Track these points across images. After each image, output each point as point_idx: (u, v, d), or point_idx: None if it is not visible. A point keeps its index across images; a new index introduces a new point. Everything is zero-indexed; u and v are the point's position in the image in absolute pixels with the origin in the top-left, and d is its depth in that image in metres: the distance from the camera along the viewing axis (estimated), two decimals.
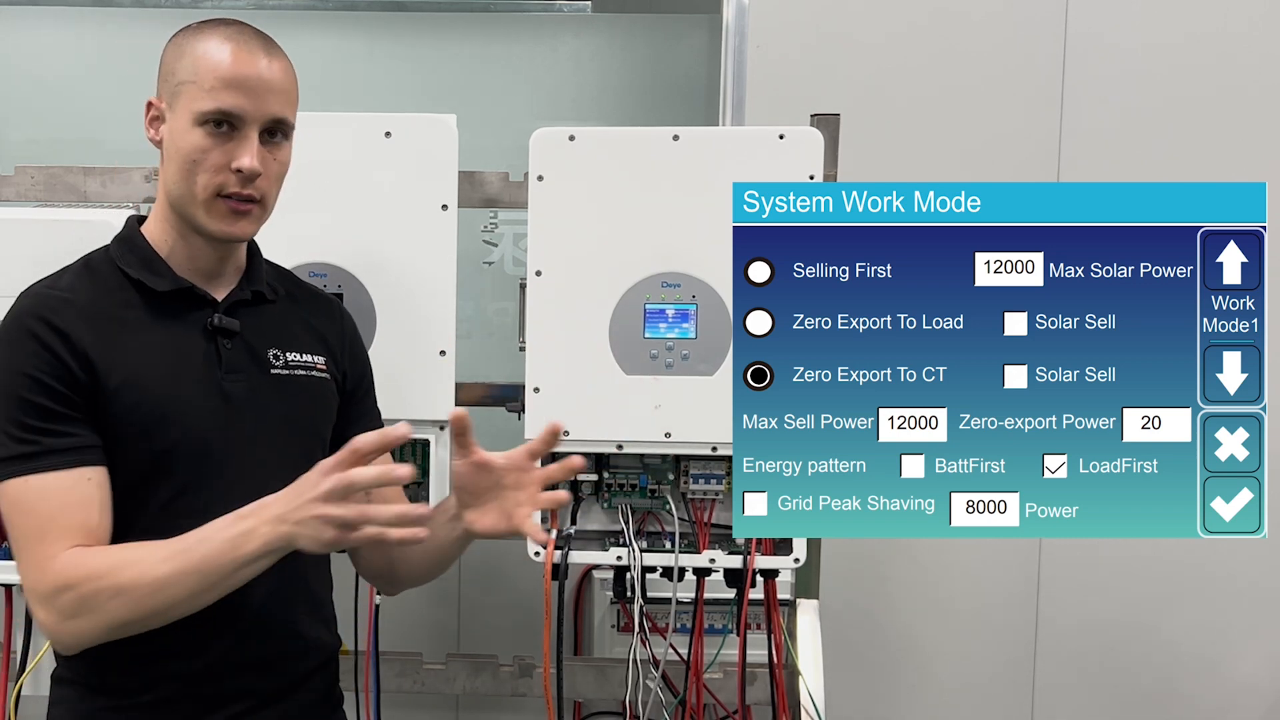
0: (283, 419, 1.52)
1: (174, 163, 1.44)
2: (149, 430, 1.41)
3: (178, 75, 1.44)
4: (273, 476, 1.46)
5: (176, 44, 1.47)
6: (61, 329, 1.38)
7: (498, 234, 2.64)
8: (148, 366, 1.42)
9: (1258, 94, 2.63)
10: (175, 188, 1.45)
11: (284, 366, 1.53)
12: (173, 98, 1.44)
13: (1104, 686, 2.77)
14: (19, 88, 2.72)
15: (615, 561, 1.93)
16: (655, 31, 2.71)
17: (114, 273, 1.46)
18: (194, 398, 1.44)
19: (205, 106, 1.41)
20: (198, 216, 1.44)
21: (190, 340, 1.46)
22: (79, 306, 1.41)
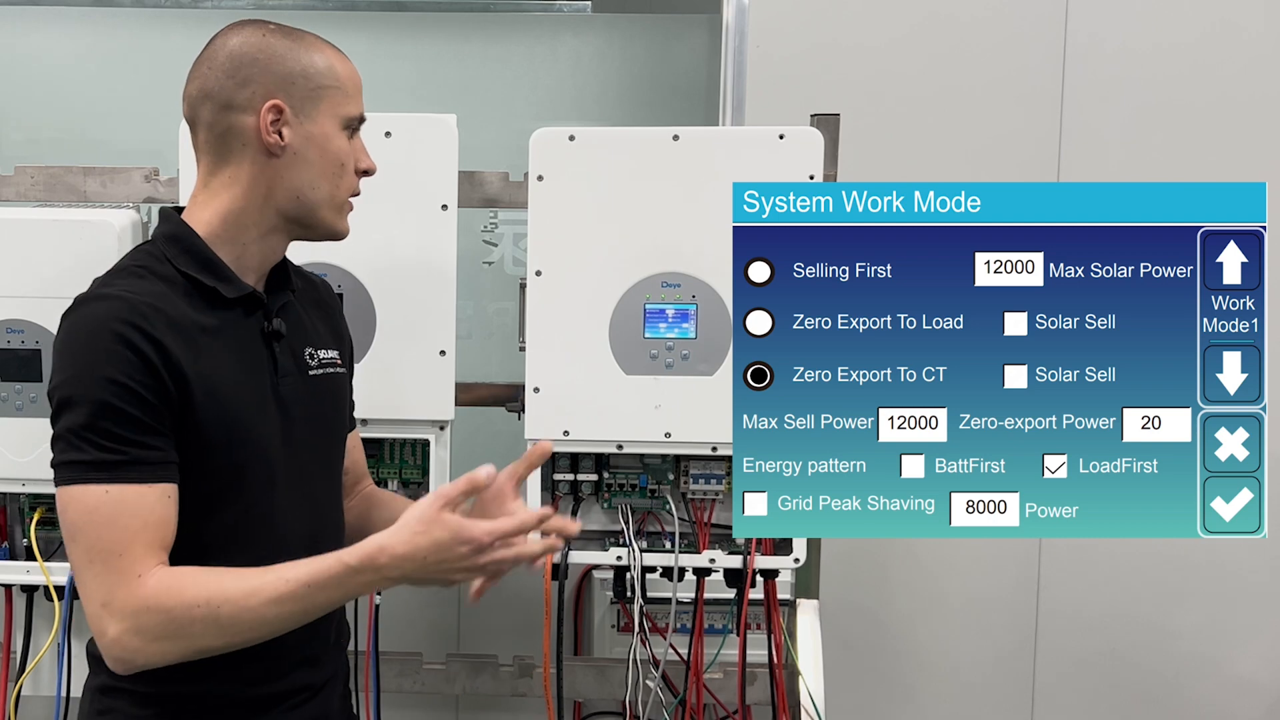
0: (323, 420, 1.53)
1: (315, 166, 1.43)
2: (231, 441, 1.39)
3: (313, 79, 1.42)
4: (316, 478, 1.51)
5: (283, 49, 1.42)
6: (155, 338, 1.33)
7: (498, 234, 2.64)
8: (224, 376, 1.39)
9: (1258, 94, 2.63)
10: (313, 191, 1.43)
11: (318, 366, 1.52)
12: (308, 102, 1.42)
13: (1104, 686, 2.77)
14: (19, 88, 2.72)
15: (615, 561, 1.93)
16: (655, 31, 2.71)
17: (176, 276, 1.41)
18: (261, 406, 1.43)
19: (353, 111, 1.45)
20: (328, 218, 1.45)
21: (253, 345, 1.45)
22: (165, 314, 1.36)
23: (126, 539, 1.30)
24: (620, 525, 1.94)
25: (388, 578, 1.32)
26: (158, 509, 1.33)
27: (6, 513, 1.98)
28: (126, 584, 1.30)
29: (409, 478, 1.99)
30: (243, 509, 1.41)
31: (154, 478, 1.33)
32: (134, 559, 1.30)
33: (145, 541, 1.31)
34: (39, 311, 1.88)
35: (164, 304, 1.37)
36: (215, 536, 1.40)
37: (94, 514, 1.31)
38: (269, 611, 1.31)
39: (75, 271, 1.86)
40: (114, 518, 1.31)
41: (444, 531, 1.30)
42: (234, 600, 1.30)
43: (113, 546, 1.30)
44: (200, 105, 1.43)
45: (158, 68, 2.64)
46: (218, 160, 1.43)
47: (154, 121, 2.26)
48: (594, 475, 1.94)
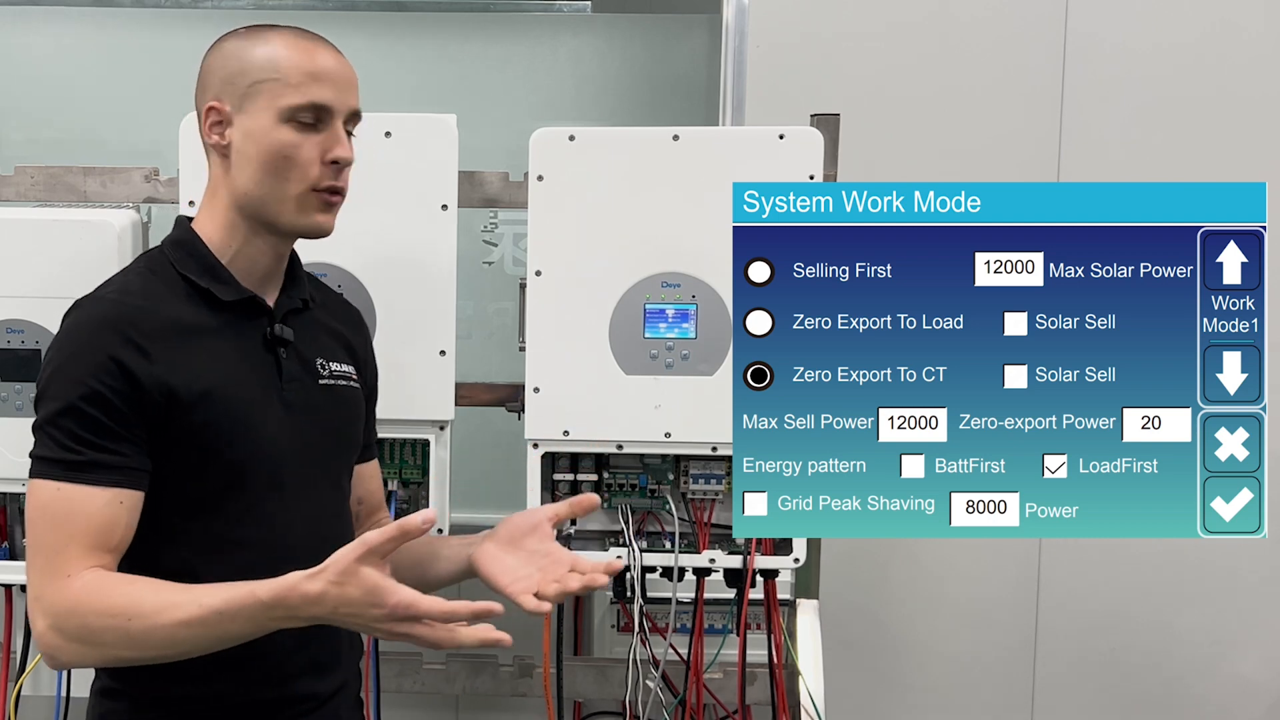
0: (334, 429, 1.52)
1: (254, 162, 1.42)
2: (228, 442, 1.40)
3: (249, 75, 1.41)
4: (325, 486, 1.50)
5: (232, 49, 1.44)
6: (140, 343, 1.35)
7: (498, 234, 2.64)
8: (222, 378, 1.40)
9: (1258, 94, 2.63)
10: (257, 187, 1.42)
11: (330, 376, 1.52)
12: (244, 98, 1.41)
13: (1104, 686, 2.77)
14: (19, 88, 2.72)
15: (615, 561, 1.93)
16: (655, 31, 2.71)
17: (177, 279, 1.44)
18: (264, 408, 1.43)
19: (295, 101, 1.41)
20: (284, 214, 1.43)
21: (254, 349, 1.45)
22: (158, 316, 1.39)
23: (65, 538, 1.32)
24: (620, 525, 1.94)
25: (300, 617, 1.28)
26: (104, 512, 1.34)
27: (6, 513, 1.98)
28: (55, 582, 1.32)
29: (409, 478, 1.99)
30: (245, 508, 1.42)
31: (107, 482, 1.34)
32: (68, 559, 1.32)
33: (83, 543, 1.32)
34: (39, 311, 1.88)
35: (159, 305, 1.39)
36: (225, 529, 1.41)
37: (45, 510, 1.34)
38: (179, 633, 1.29)
39: (75, 271, 1.86)
40: (59, 516, 1.33)
41: (357, 589, 1.24)
42: (146, 616, 1.29)
43: (53, 544, 1.33)
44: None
45: (158, 68, 2.64)
46: (210, 168, 1.47)
47: (154, 121, 2.26)
48: (594, 475, 1.94)
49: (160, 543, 1.40)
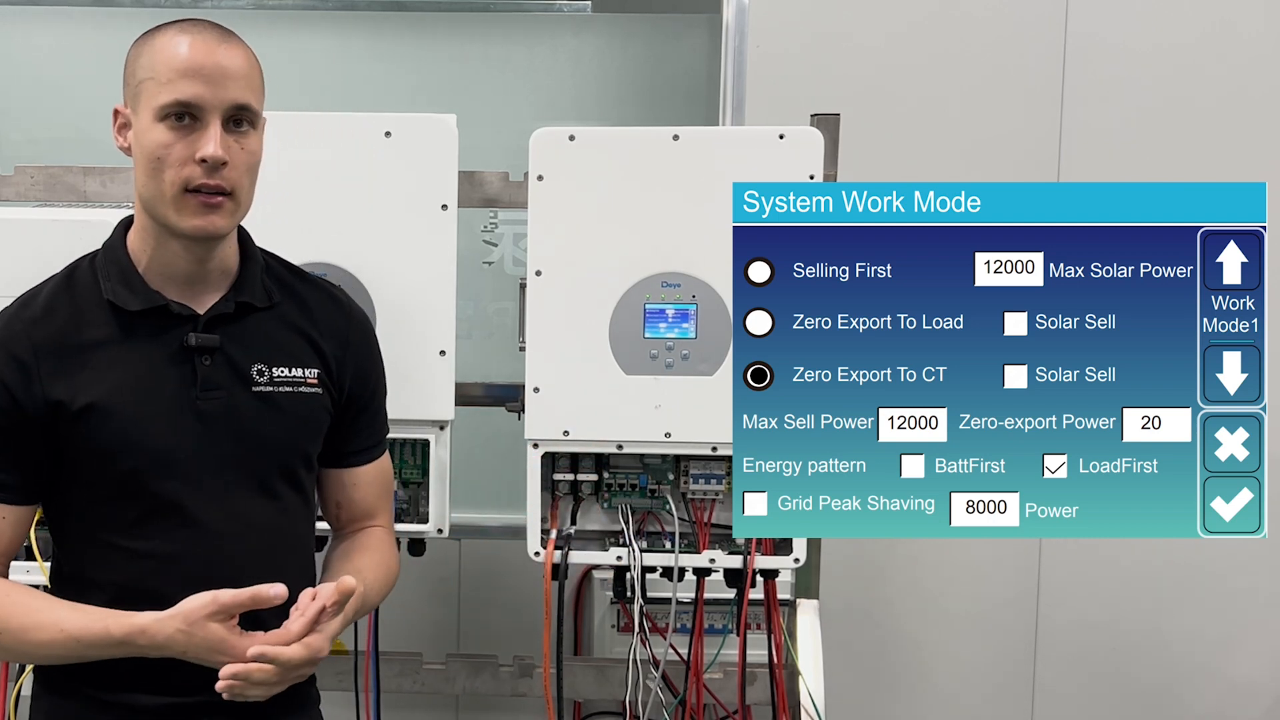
0: (262, 437, 1.48)
1: (140, 164, 1.41)
2: (114, 452, 1.41)
3: (137, 75, 1.41)
4: (245, 495, 1.47)
5: (136, 47, 1.43)
6: (21, 359, 1.39)
7: (498, 234, 2.64)
8: (115, 389, 1.41)
9: (1258, 94, 2.63)
10: (144, 189, 1.41)
11: (268, 383, 1.48)
12: (134, 99, 1.41)
13: (1104, 687, 2.77)
14: (19, 88, 2.72)
15: (615, 561, 1.93)
16: (655, 31, 2.71)
17: (93, 286, 1.45)
18: (163, 418, 1.42)
19: (164, 99, 1.37)
20: (169, 216, 1.40)
21: (164, 358, 1.44)
22: (47, 332, 1.41)
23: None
24: (620, 525, 1.94)
25: (152, 653, 1.38)
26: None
27: None
28: None
29: (409, 478, 1.99)
30: (141, 516, 1.43)
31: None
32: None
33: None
34: None
35: (56, 318, 1.42)
36: (125, 538, 1.43)
37: None
38: (40, 651, 1.40)
39: None
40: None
41: (204, 642, 1.36)
42: (12, 632, 1.40)
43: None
44: None
45: None
46: None
47: None
48: (594, 475, 1.93)
49: (58, 548, 1.46)
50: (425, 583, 2.70)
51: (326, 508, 1.63)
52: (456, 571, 2.74)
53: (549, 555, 1.91)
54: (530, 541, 1.93)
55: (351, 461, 1.61)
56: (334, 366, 1.55)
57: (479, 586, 2.75)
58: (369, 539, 1.62)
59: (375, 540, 1.62)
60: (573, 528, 1.94)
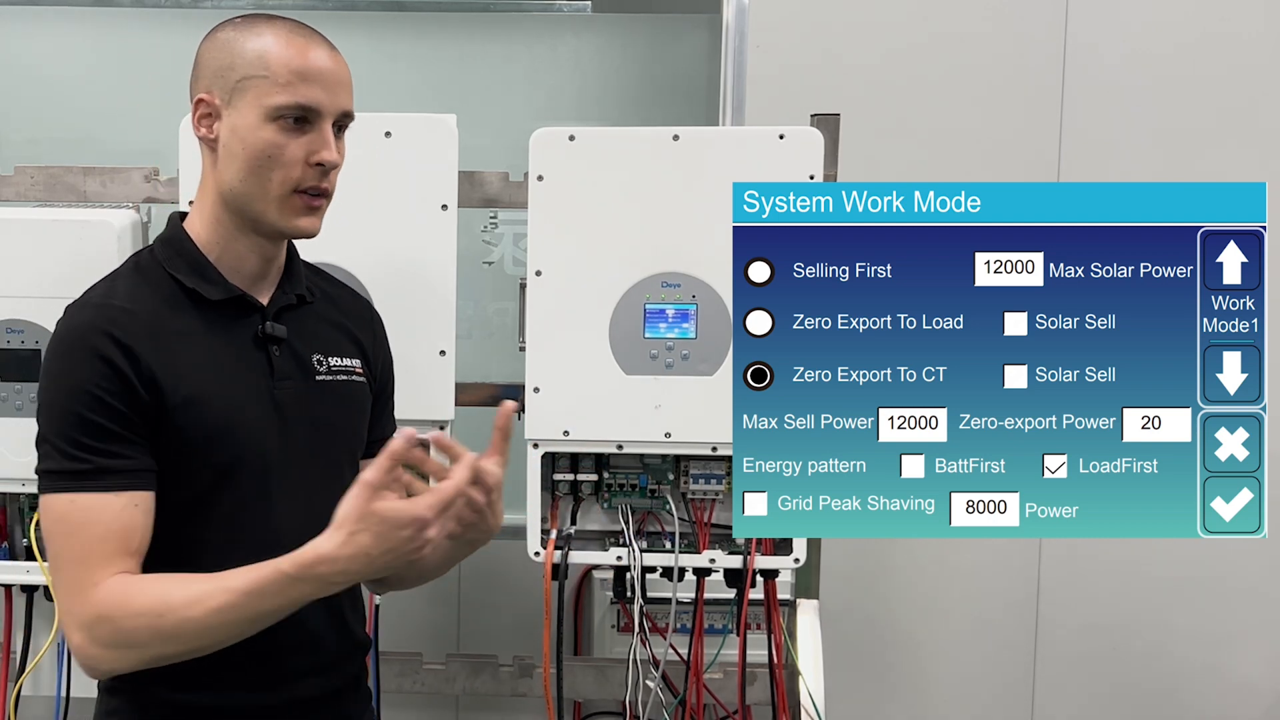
0: (329, 426, 1.51)
1: (238, 160, 1.39)
2: (213, 444, 1.39)
3: (238, 70, 1.39)
4: (321, 484, 1.47)
5: (225, 40, 1.42)
6: (127, 344, 1.35)
7: (498, 234, 2.64)
8: (208, 379, 1.39)
9: (1257, 95, 2.63)
10: (240, 185, 1.40)
11: (327, 372, 1.50)
12: (233, 93, 1.39)
13: (1104, 687, 2.77)
14: (19, 88, 2.72)
15: (615, 561, 1.93)
16: (655, 31, 2.71)
17: (165, 279, 1.42)
18: (252, 408, 1.42)
19: (282, 100, 1.38)
20: (267, 214, 1.41)
21: (244, 349, 1.44)
22: (142, 319, 1.38)
23: (87, 548, 1.32)
24: (620, 525, 1.94)
25: (333, 584, 1.29)
26: (122, 517, 1.33)
27: (6, 513, 1.98)
28: (83, 593, 1.31)
29: None
30: (232, 510, 1.41)
31: (118, 486, 1.34)
32: (91, 567, 1.31)
33: (105, 552, 1.32)
34: (39, 311, 1.88)
35: (142, 307, 1.38)
36: (215, 532, 1.40)
37: (61, 522, 1.34)
38: (212, 620, 1.30)
39: (75, 271, 1.86)
40: (78, 527, 1.32)
41: (380, 524, 1.25)
42: (176, 610, 1.30)
43: (73, 555, 1.32)
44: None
45: (158, 68, 2.64)
46: (202, 161, 1.45)
47: (154, 121, 2.26)
48: (594, 475, 1.94)
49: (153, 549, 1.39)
50: None
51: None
52: (456, 571, 2.74)
53: (549, 555, 1.91)
54: (530, 541, 1.93)
55: (371, 452, 1.60)
56: (370, 357, 1.59)
57: (479, 586, 2.75)
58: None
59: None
60: (573, 528, 1.94)
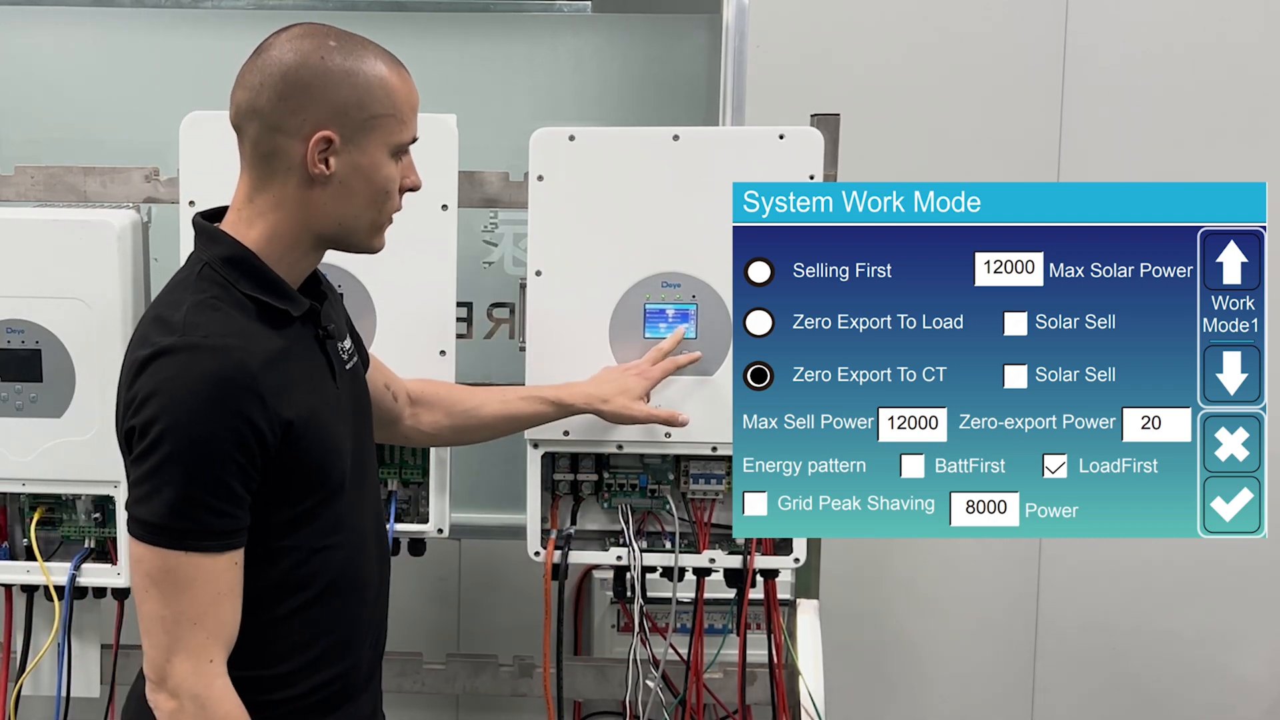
0: (364, 411, 1.55)
1: (360, 196, 1.39)
2: (327, 461, 1.40)
3: (369, 108, 1.37)
4: (370, 470, 1.55)
5: (345, 72, 1.37)
6: (259, 392, 1.31)
7: (498, 234, 2.64)
8: (316, 398, 1.40)
9: (1257, 95, 2.63)
10: (355, 220, 1.41)
11: (348, 358, 1.53)
12: (361, 131, 1.37)
13: (1104, 687, 2.77)
14: (19, 88, 2.71)
15: (615, 561, 1.93)
16: (655, 31, 2.71)
17: (242, 301, 1.38)
18: (338, 416, 1.44)
19: (406, 138, 1.42)
20: (365, 239, 1.44)
21: (318, 357, 1.44)
22: (259, 353, 1.33)
23: (200, 611, 1.32)
24: (620, 525, 1.94)
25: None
26: (226, 578, 1.34)
27: (6, 513, 1.98)
28: (197, 667, 1.32)
29: (409, 478, 1.99)
30: (335, 515, 1.43)
31: (224, 547, 1.33)
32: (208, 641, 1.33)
33: (217, 619, 1.33)
34: (39, 311, 1.88)
35: (250, 339, 1.34)
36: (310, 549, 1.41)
37: (170, 576, 1.32)
38: None
39: (75, 271, 1.86)
40: (187, 585, 1.31)
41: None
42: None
43: (185, 616, 1.32)
44: (248, 120, 1.38)
45: (158, 68, 2.63)
46: (262, 178, 1.39)
47: (154, 121, 2.26)
48: (594, 475, 1.94)
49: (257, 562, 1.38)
50: (425, 583, 2.70)
51: (382, 400, 1.69)
52: (456, 571, 2.74)
53: (549, 555, 1.91)
54: (530, 541, 1.93)
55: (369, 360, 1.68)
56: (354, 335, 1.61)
57: (479, 586, 2.75)
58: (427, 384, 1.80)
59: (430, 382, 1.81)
60: (573, 528, 1.94)
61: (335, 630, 1.46)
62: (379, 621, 1.58)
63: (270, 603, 1.40)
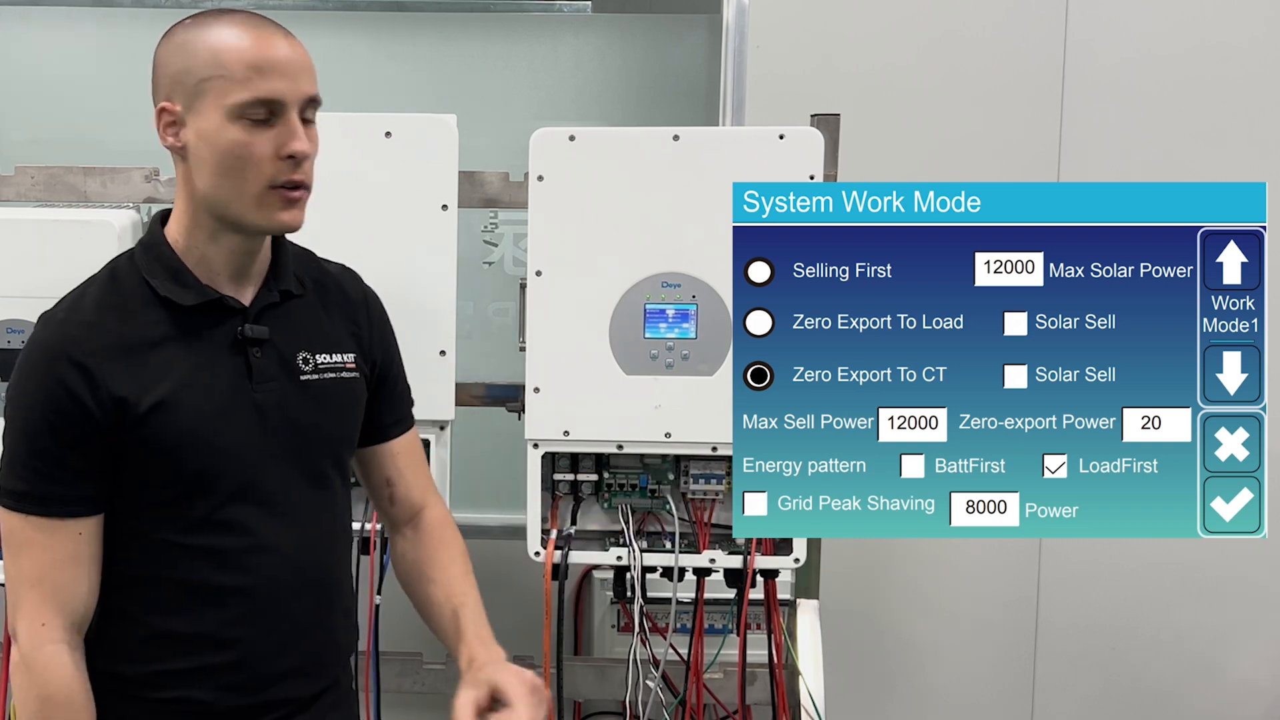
0: (314, 428, 1.48)
1: (209, 164, 1.36)
2: (185, 450, 1.38)
3: (195, 73, 1.35)
4: (304, 486, 1.47)
5: (179, 43, 1.38)
6: (85, 365, 1.35)
7: (498, 234, 2.64)
8: (179, 386, 1.38)
9: (1257, 95, 2.63)
10: (215, 189, 1.37)
11: (314, 371, 1.48)
12: (193, 97, 1.35)
13: (1104, 687, 2.77)
14: (19, 88, 2.72)
15: (615, 561, 1.93)
16: (655, 31, 2.71)
17: (140, 285, 1.41)
18: (228, 413, 1.41)
19: (243, 97, 1.34)
20: (246, 215, 1.38)
21: (220, 353, 1.42)
22: (106, 334, 1.37)
23: (37, 574, 1.37)
24: (620, 525, 1.94)
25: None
26: (65, 547, 1.38)
27: None
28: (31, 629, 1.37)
29: None
30: (206, 515, 1.40)
31: (64, 513, 1.38)
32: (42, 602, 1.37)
33: (52, 584, 1.37)
34: (39, 311, 1.86)
35: (107, 319, 1.38)
36: (191, 535, 1.40)
37: (10, 539, 1.39)
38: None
39: (75, 271, 1.85)
40: (25, 549, 1.38)
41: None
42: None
43: (24, 578, 1.38)
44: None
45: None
46: (176, 168, 1.43)
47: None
48: (594, 475, 1.94)
49: (116, 550, 1.41)
50: None
51: (376, 489, 1.63)
52: None
53: (549, 555, 1.91)
54: (530, 541, 1.93)
55: (393, 433, 1.62)
56: (365, 344, 1.56)
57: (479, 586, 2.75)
58: (441, 534, 1.64)
59: (448, 537, 1.64)
60: (573, 528, 1.94)
61: (210, 640, 1.41)
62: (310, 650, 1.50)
63: (134, 596, 1.42)
